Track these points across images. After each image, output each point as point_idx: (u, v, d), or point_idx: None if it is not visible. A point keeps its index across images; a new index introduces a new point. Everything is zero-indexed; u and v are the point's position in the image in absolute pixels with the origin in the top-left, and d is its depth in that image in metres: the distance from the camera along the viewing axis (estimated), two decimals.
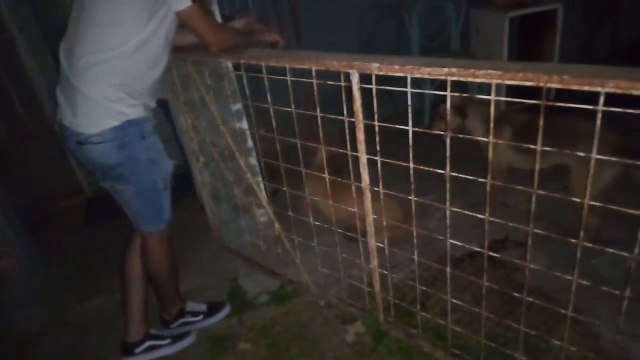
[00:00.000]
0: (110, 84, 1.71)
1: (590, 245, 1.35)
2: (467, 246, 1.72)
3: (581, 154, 1.32)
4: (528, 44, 4.14)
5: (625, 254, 1.30)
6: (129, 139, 1.77)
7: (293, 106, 1.88)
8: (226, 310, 2.36)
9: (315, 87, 1.72)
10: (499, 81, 1.25)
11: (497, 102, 1.31)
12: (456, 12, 3.93)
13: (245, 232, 2.64)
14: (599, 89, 1.10)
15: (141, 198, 1.89)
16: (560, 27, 3.87)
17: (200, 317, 2.30)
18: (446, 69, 1.32)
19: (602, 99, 1.12)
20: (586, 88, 1.11)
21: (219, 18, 2.29)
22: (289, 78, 1.81)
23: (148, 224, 1.97)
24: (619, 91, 1.07)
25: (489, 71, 1.24)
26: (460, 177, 1.52)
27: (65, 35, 1.77)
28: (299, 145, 1.96)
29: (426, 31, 3.99)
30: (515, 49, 4.12)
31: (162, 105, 2.53)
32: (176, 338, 2.19)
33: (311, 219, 2.14)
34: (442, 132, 1.46)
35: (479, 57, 4.02)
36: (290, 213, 2.25)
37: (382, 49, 4.19)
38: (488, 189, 1.46)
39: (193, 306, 2.32)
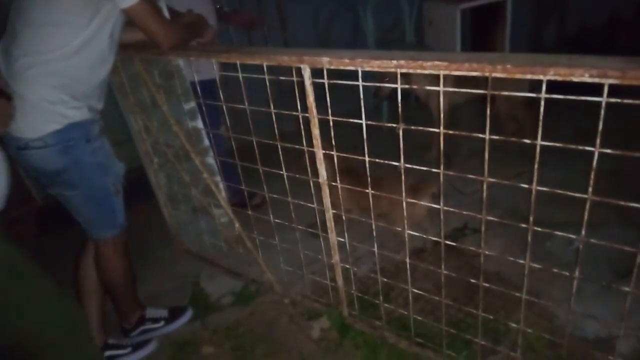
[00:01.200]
0: (50, 86, 1.63)
1: (540, 229, 1.39)
2: (424, 236, 1.74)
3: None
4: (480, 35, 4.24)
5: (573, 236, 1.35)
6: (73, 142, 1.69)
7: (246, 103, 1.85)
8: (188, 314, 2.30)
9: (267, 83, 1.69)
10: (446, 72, 1.26)
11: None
12: (410, 5, 3.98)
13: (206, 234, 2.59)
14: (541, 76, 1.12)
15: (91, 204, 1.82)
16: (509, 19, 3.98)
17: (162, 323, 2.24)
18: (395, 62, 1.32)
19: (544, 87, 1.15)
20: (529, 76, 1.13)
21: (166, 13, 2.22)
22: (240, 75, 1.77)
23: (101, 230, 1.90)
24: (559, 78, 1.10)
25: (436, 62, 1.25)
26: (416, 169, 1.54)
27: (3, 37, 1.68)
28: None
29: (381, 24, 4.02)
30: (468, 40, 4.21)
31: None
32: (136, 346, 2.12)
33: (271, 216, 2.12)
34: (395, 125, 1.46)
35: (433, 49, 4.08)
36: (249, 212, 2.21)
37: (340, 43, 4.19)
38: (441, 179, 1.47)
39: (153, 312, 2.25)
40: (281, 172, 1.90)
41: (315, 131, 1.67)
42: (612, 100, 1.08)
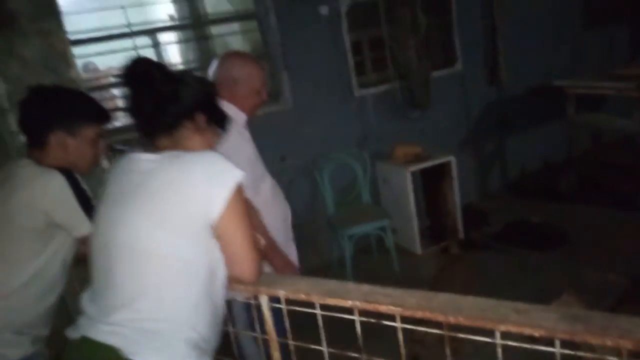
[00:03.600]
0: None
1: None
2: None
3: None
4: (431, 191, 4.50)
5: None
6: None
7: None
8: None
9: (225, 306, 1.66)
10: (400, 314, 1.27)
11: None
12: (362, 168, 4.24)
13: None
14: (492, 327, 1.14)
15: None
16: (455, 175, 4.27)
17: None
18: (350, 302, 1.34)
19: (498, 335, 1.16)
20: (480, 325, 1.15)
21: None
22: None
23: None
24: (512, 330, 1.12)
25: (391, 307, 1.27)
26: None
27: None
28: None
29: (338, 187, 4.23)
30: (421, 195, 4.46)
31: None
32: None
33: None
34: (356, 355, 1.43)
35: (388, 207, 4.27)
36: None
37: (299, 206, 4.32)
38: None
39: None
40: None
41: (276, 354, 1.61)
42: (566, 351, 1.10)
